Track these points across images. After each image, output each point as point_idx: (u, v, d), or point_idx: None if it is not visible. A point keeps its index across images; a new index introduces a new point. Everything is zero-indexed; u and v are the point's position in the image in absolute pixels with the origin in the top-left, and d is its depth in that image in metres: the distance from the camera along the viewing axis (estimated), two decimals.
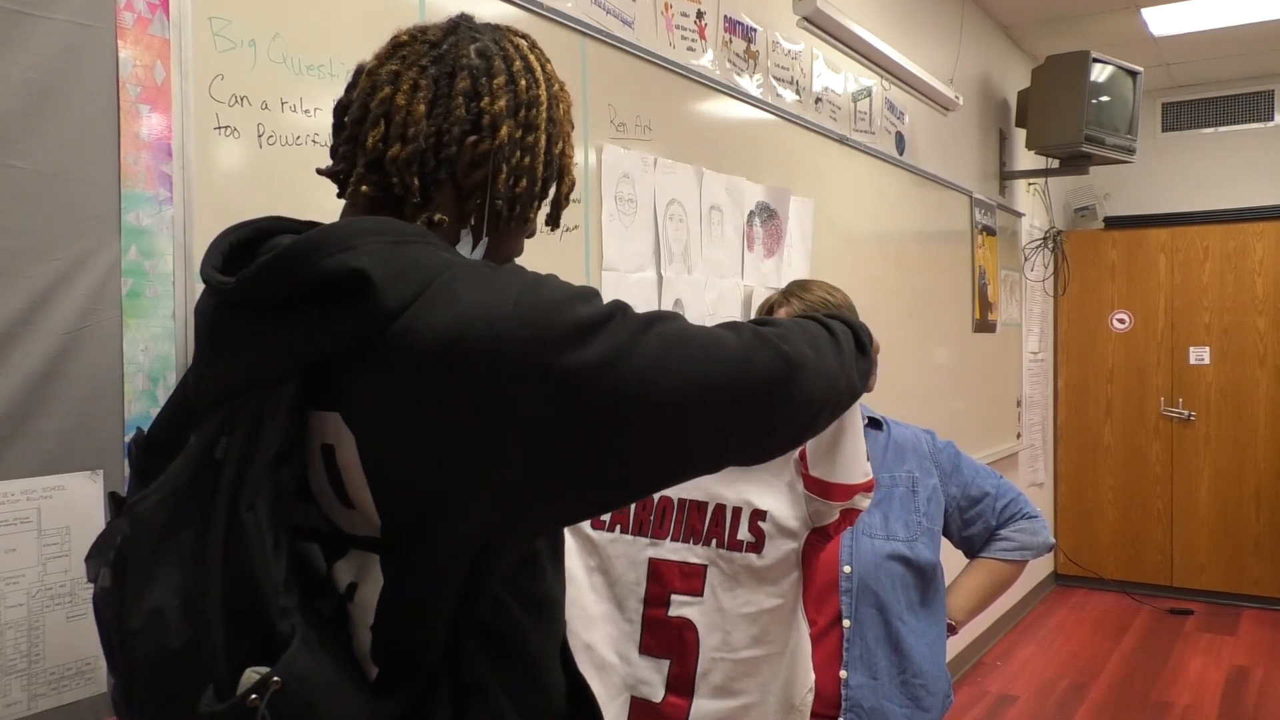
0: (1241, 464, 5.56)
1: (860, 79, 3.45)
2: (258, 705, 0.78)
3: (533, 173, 1.00)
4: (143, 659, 0.86)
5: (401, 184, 0.96)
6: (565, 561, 1.29)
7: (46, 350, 1.18)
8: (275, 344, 0.87)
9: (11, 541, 1.16)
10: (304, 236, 0.87)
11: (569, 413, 0.84)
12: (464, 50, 0.99)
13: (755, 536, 1.36)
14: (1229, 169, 5.89)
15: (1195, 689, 4.32)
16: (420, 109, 0.96)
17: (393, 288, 0.83)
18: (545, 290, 0.86)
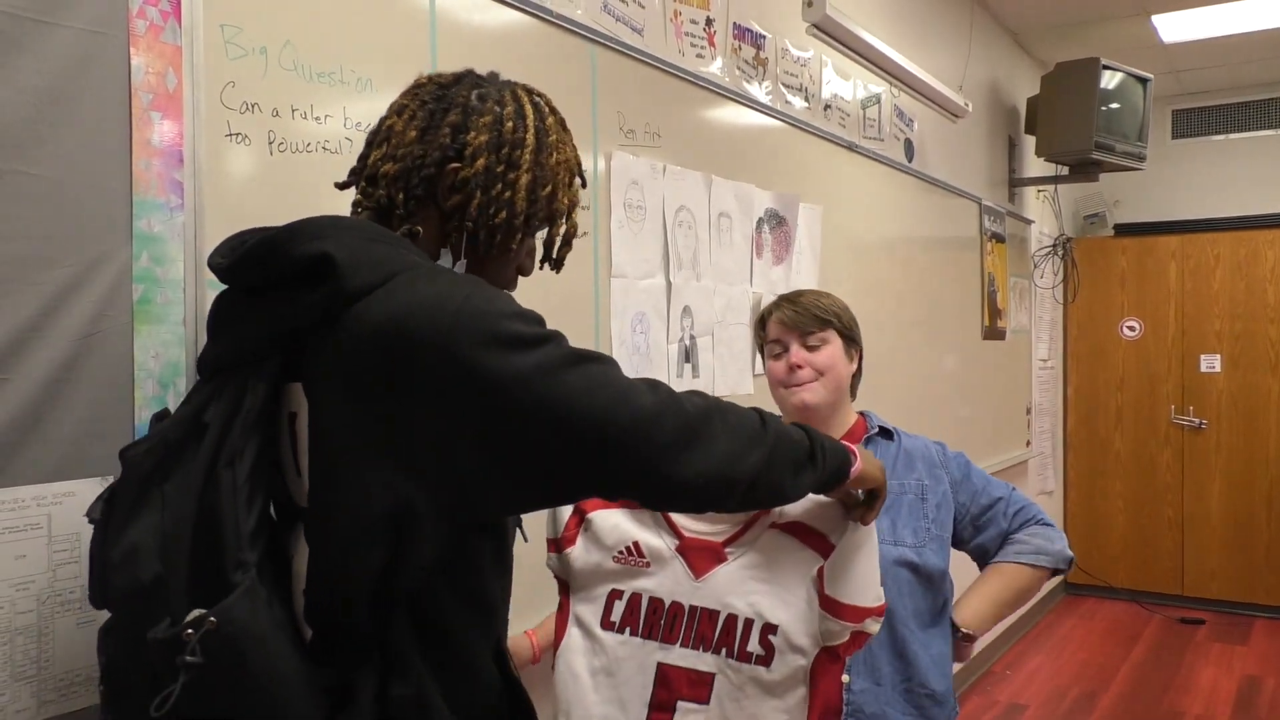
0: (1253, 472, 5.53)
1: (869, 86, 3.44)
2: (191, 639, 0.87)
3: (511, 206, 1.10)
4: (117, 589, 0.97)
5: (388, 196, 1.09)
6: (567, 657, 1.37)
7: (58, 356, 1.18)
8: (257, 322, 1.01)
9: (22, 548, 1.16)
10: (285, 226, 1.01)
11: (486, 412, 0.93)
12: (466, 93, 1.12)
13: (765, 650, 1.33)
14: (1240, 176, 5.87)
15: (1206, 699, 4.29)
16: (411, 134, 1.09)
17: (356, 273, 0.96)
18: (495, 300, 0.96)
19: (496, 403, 0.93)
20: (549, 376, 0.94)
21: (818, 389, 1.68)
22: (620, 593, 1.39)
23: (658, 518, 1.40)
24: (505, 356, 0.93)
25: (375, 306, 0.94)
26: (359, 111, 1.58)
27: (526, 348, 0.94)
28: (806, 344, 1.69)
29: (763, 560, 1.36)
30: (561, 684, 1.40)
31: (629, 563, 1.39)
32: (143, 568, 0.94)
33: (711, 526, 1.39)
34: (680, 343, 2.37)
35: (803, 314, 1.70)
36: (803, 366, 1.68)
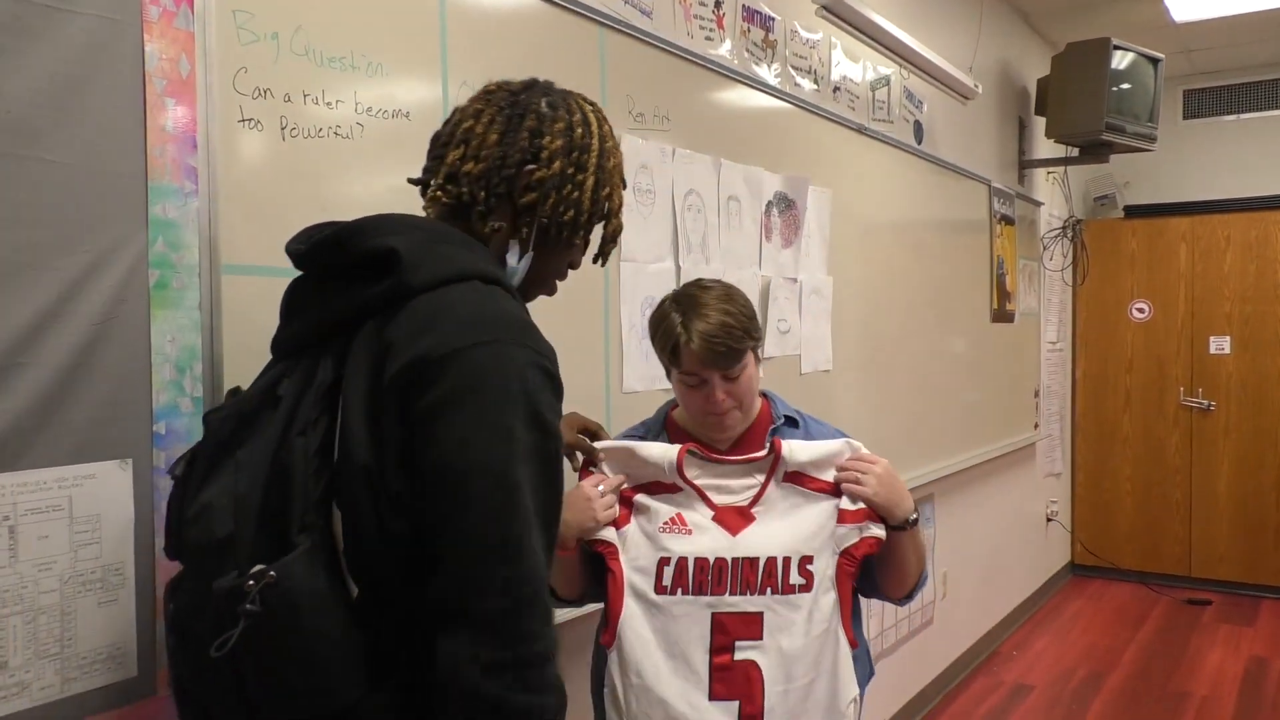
0: (1262, 454, 5.52)
1: (879, 68, 3.43)
2: (252, 590, 0.96)
3: (579, 205, 1.21)
4: (191, 543, 1.05)
5: (470, 194, 1.17)
6: (631, 624, 1.54)
7: (76, 341, 1.20)
8: (328, 305, 1.11)
9: (44, 529, 1.18)
10: (358, 221, 1.13)
11: (442, 458, 1.00)
12: (537, 100, 1.22)
13: (805, 578, 1.56)
14: (1251, 157, 5.84)
15: (1213, 680, 4.31)
16: (492, 137, 1.18)
17: (419, 269, 1.06)
18: (542, 370, 1.06)
19: (465, 459, 1.01)
20: (520, 465, 1.02)
21: (739, 416, 1.66)
22: (668, 559, 1.57)
23: (691, 495, 1.60)
24: (526, 432, 1.02)
25: (428, 308, 1.05)
26: (370, 96, 1.59)
27: (540, 432, 1.04)
28: (728, 375, 1.60)
29: (785, 509, 1.60)
30: (629, 647, 1.55)
31: (674, 530, 1.58)
32: (216, 525, 1.03)
33: (734, 495, 1.61)
34: None
35: (721, 346, 1.56)
36: (725, 399, 1.61)
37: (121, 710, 1.26)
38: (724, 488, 1.61)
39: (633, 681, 1.54)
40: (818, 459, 1.62)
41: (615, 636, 1.55)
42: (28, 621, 1.17)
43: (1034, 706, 4.05)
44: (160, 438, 1.29)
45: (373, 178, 1.59)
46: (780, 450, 1.60)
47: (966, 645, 4.42)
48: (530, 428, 1.03)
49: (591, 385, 2.10)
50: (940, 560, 4.05)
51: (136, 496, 1.27)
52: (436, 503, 1.01)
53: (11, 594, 1.15)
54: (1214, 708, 4.00)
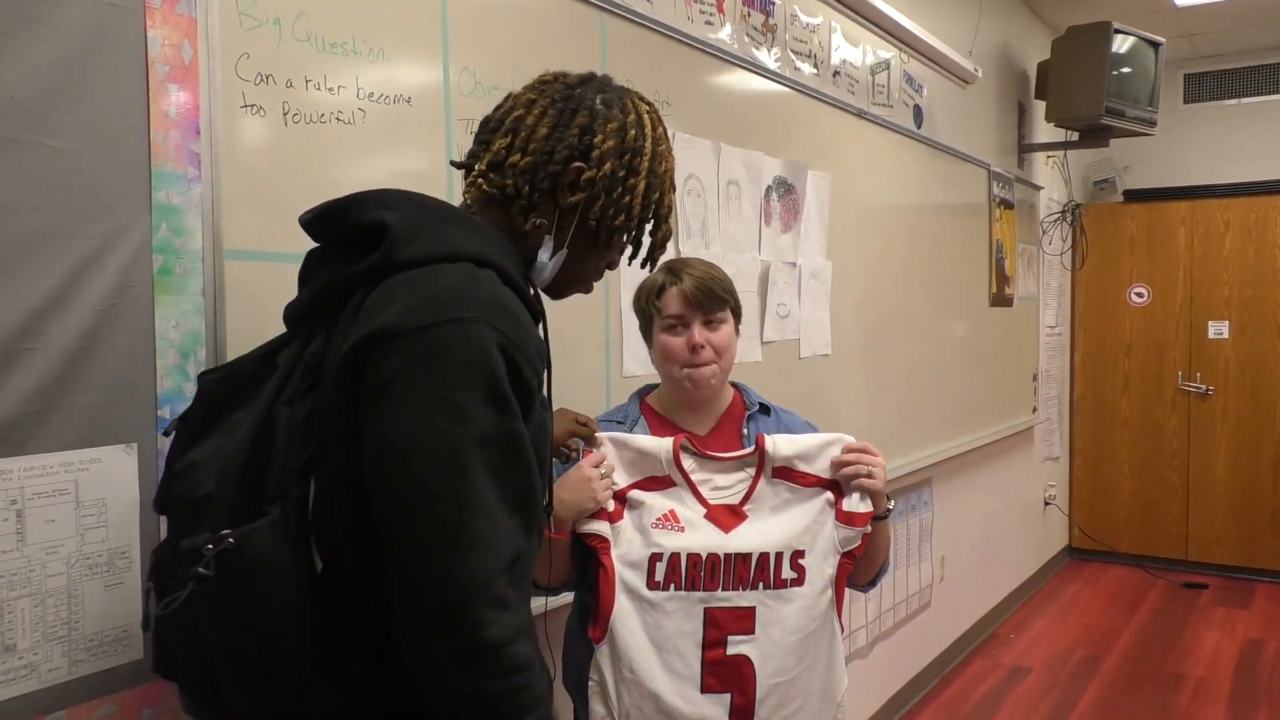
0: (1259, 438, 5.54)
1: (878, 52, 3.43)
2: (208, 554, 0.96)
3: (629, 209, 1.19)
4: (175, 499, 1.08)
5: (514, 187, 1.15)
6: (623, 619, 1.53)
7: (80, 326, 1.21)
8: (327, 276, 1.10)
9: (50, 513, 1.19)
10: (363, 192, 1.12)
11: (396, 439, 0.98)
12: (592, 97, 1.19)
13: (797, 572, 1.58)
14: (1251, 141, 5.83)
15: (1209, 662, 4.34)
16: (542, 130, 1.16)
17: (407, 244, 1.04)
18: (520, 341, 1.03)
19: (420, 438, 0.97)
20: (476, 446, 0.98)
21: (717, 370, 1.68)
22: (660, 554, 1.56)
23: (685, 491, 1.61)
24: (477, 411, 0.98)
25: (404, 283, 1.02)
26: (371, 82, 1.59)
27: (503, 411, 1.00)
28: (708, 323, 1.67)
29: (777, 505, 1.61)
30: (621, 642, 1.55)
31: (666, 526, 1.58)
32: (199, 483, 1.04)
33: (725, 492, 1.62)
34: None
35: (706, 291, 1.65)
36: (704, 347, 1.66)
37: (128, 692, 1.27)
38: (716, 484, 1.62)
39: (625, 675, 1.54)
40: (803, 452, 1.63)
41: (606, 632, 1.55)
42: (36, 604, 1.18)
43: (1031, 688, 4.08)
44: (165, 422, 1.30)
45: (374, 162, 1.59)
46: (764, 446, 1.62)
47: (964, 628, 4.44)
48: (491, 406, 0.99)
49: (592, 369, 2.11)
50: (938, 544, 4.07)
51: (142, 480, 1.28)
52: (383, 485, 0.98)
53: (19, 577, 1.16)
54: (1209, 690, 4.03)
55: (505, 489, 1.00)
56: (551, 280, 1.23)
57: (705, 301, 1.66)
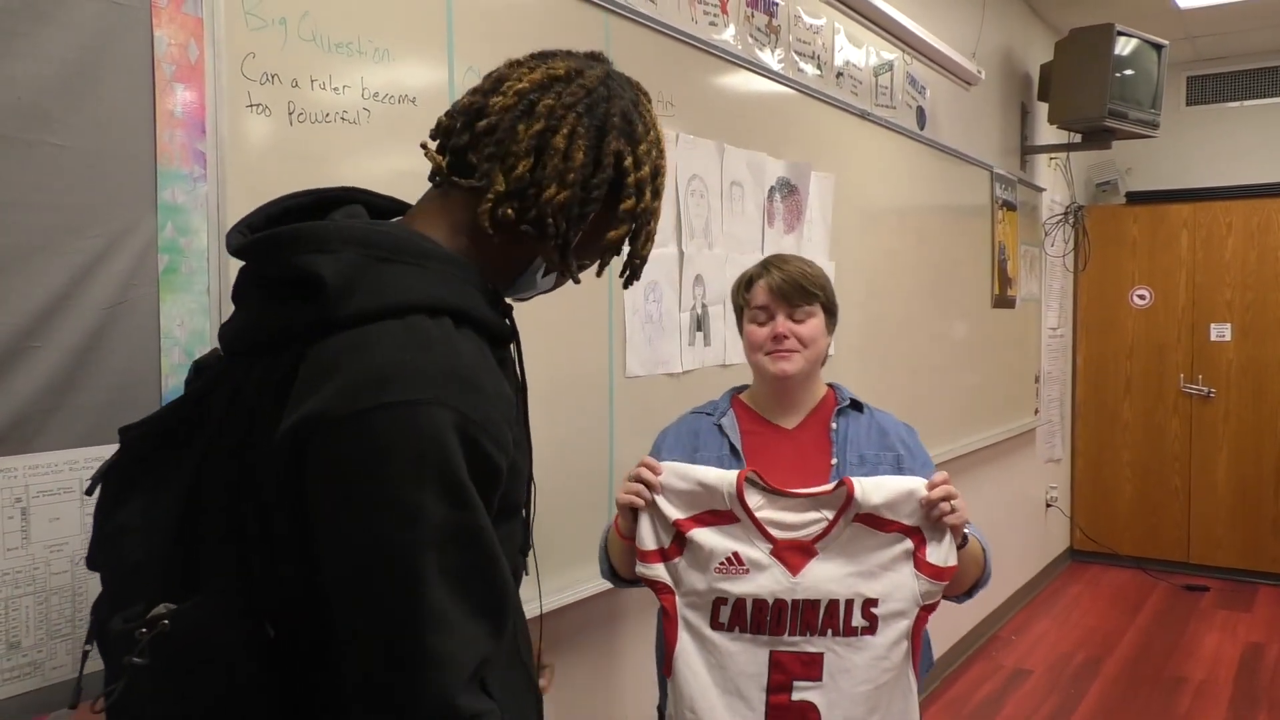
0: (1261, 441, 5.54)
1: (882, 53, 3.43)
2: (142, 639, 0.88)
3: (652, 232, 1.09)
4: (105, 565, 1.00)
5: (554, 225, 1.00)
6: (685, 659, 1.49)
7: (86, 325, 1.21)
8: (260, 316, 0.97)
9: (55, 510, 1.19)
10: (296, 228, 0.95)
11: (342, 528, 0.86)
12: (614, 109, 1.03)
13: (869, 621, 1.51)
14: (1254, 143, 5.83)
15: (1210, 665, 4.33)
16: (580, 157, 0.99)
17: (347, 299, 0.89)
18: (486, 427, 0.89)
19: (363, 529, 0.86)
20: (430, 550, 0.86)
21: (799, 360, 1.69)
22: (725, 599, 1.52)
23: (749, 528, 1.53)
24: (423, 501, 0.85)
25: (342, 349, 0.88)
26: (376, 81, 1.59)
27: (460, 507, 0.87)
28: (794, 315, 1.69)
29: (851, 548, 1.52)
30: (683, 682, 1.53)
31: (730, 571, 1.51)
32: (127, 550, 0.96)
33: (799, 531, 1.53)
34: (692, 311, 2.39)
35: (793, 284, 1.69)
36: (788, 336, 1.68)
37: None
38: (784, 522, 1.53)
39: (686, 716, 1.53)
40: (892, 500, 1.52)
41: (671, 669, 1.54)
42: (40, 602, 1.18)
43: (1032, 690, 4.08)
44: None
45: (379, 162, 1.60)
46: (853, 491, 1.52)
47: (965, 630, 4.44)
48: (445, 502, 0.86)
49: (595, 370, 2.11)
50: None
51: None
52: (336, 592, 0.88)
53: (24, 575, 1.17)
54: (1210, 692, 4.02)
55: (466, 593, 0.88)
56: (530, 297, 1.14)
57: (791, 293, 1.69)
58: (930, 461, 1.78)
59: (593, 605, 2.13)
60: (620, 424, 2.17)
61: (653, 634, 1.71)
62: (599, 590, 2.10)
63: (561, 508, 2.01)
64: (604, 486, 2.15)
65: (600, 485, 2.14)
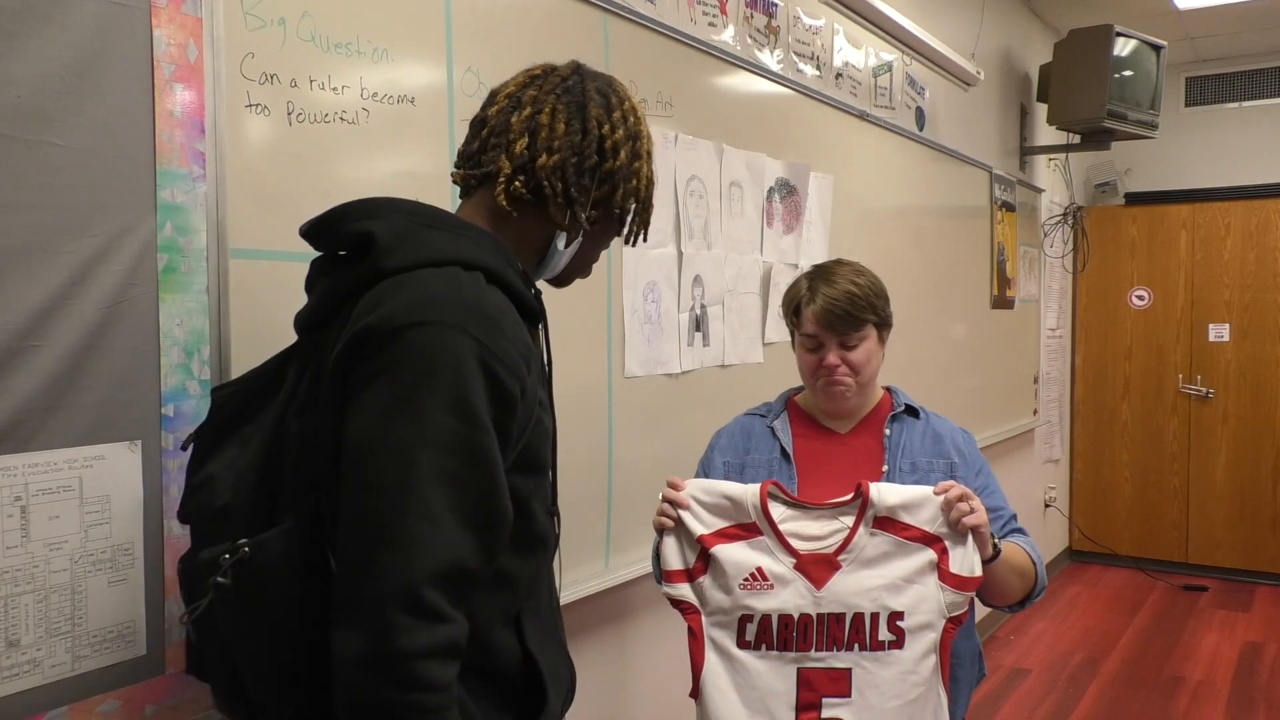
0: (1259, 441, 5.54)
1: (881, 54, 3.43)
2: (225, 563, 1.01)
3: (639, 193, 1.23)
4: (194, 512, 1.11)
5: (550, 187, 1.16)
6: (713, 679, 1.49)
7: (85, 324, 1.21)
8: (325, 285, 1.12)
9: (55, 509, 1.19)
10: (352, 202, 1.13)
11: (368, 432, 0.99)
12: (589, 87, 1.20)
13: (895, 635, 1.49)
14: (1253, 144, 5.83)
15: (1208, 664, 4.34)
16: (560, 127, 1.17)
17: (393, 253, 1.06)
18: (497, 351, 1.02)
19: (384, 436, 0.98)
20: (428, 449, 0.97)
21: (851, 385, 1.68)
22: (751, 615, 1.51)
23: (773, 543, 1.52)
24: (438, 411, 0.97)
25: (389, 288, 1.03)
26: (375, 82, 1.59)
27: (468, 423, 0.98)
28: (844, 342, 1.68)
29: (874, 559, 1.51)
30: (711, 703, 1.51)
31: (754, 587, 1.51)
32: (216, 495, 1.08)
33: (823, 542, 1.52)
34: (691, 312, 2.40)
35: (840, 312, 1.65)
36: (839, 366, 1.67)
37: (131, 688, 1.27)
38: (808, 533, 1.52)
39: None
40: (909, 502, 1.52)
41: (699, 690, 1.53)
42: (39, 600, 1.18)
43: (1030, 690, 4.08)
44: (169, 420, 1.30)
45: (378, 163, 1.60)
46: (868, 494, 1.52)
47: None
48: (454, 415, 0.97)
49: (594, 371, 2.12)
50: None
51: (145, 478, 1.28)
52: (343, 481, 1.00)
53: (23, 573, 1.17)
54: (1208, 692, 4.03)
55: (459, 500, 0.97)
56: (561, 271, 1.26)
57: (838, 324, 1.66)
58: (987, 468, 1.76)
59: (594, 604, 2.13)
60: (619, 424, 2.18)
61: (658, 633, 1.72)
62: (599, 589, 2.10)
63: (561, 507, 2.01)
64: (603, 487, 2.15)
65: (600, 486, 2.14)
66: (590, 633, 2.19)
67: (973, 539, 1.51)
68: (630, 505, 2.20)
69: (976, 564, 1.51)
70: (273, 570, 1.02)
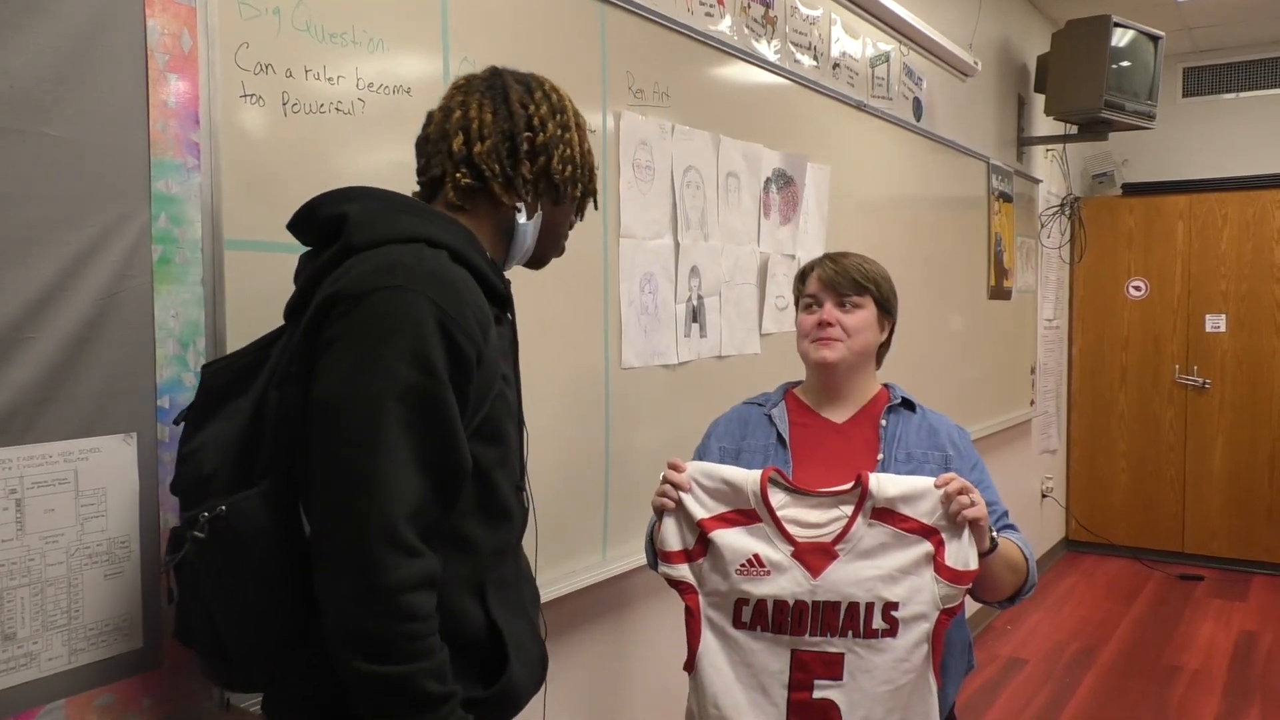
0: (1255, 431, 5.55)
1: (878, 44, 3.42)
2: (203, 521, 1.09)
3: (573, 160, 1.31)
4: (183, 478, 1.17)
5: (489, 169, 1.25)
6: (709, 656, 1.52)
7: (81, 316, 1.21)
8: (307, 271, 1.18)
9: (50, 502, 1.19)
10: (329, 191, 1.21)
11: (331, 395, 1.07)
12: (508, 81, 1.30)
13: (889, 624, 1.51)
14: (1250, 135, 5.83)
15: (1204, 653, 4.35)
16: (488, 116, 1.26)
17: (364, 231, 1.14)
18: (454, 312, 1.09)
19: (348, 393, 1.06)
20: (392, 400, 1.05)
21: (840, 347, 1.70)
22: (746, 600, 1.53)
23: (771, 530, 1.53)
24: (397, 369, 1.05)
25: (358, 260, 1.12)
26: (371, 72, 1.59)
27: (426, 375, 1.06)
28: (841, 304, 1.72)
29: (871, 550, 1.52)
30: (706, 679, 1.54)
31: (751, 573, 1.52)
32: (204, 464, 1.14)
33: (821, 530, 1.53)
34: (688, 303, 2.39)
35: (843, 275, 1.72)
36: (832, 324, 1.70)
37: (128, 681, 1.27)
38: (807, 521, 1.53)
39: (710, 713, 1.54)
40: (908, 493, 1.52)
41: (694, 666, 1.55)
42: (35, 593, 1.18)
43: (1027, 679, 4.09)
44: (164, 412, 1.30)
45: (374, 153, 1.59)
46: (868, 484, 1.52)
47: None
48: (414, 368, 1.06)
49: (591, 361, 2.11)
50: None
51: (141, 470, 1.28)
52: (313, 437, 1.07)
53: (19, 566, 1.17)
54: (1204, 681, 4.04)
55: (418, 445, 1.06)
56: (533, 249, 1.34)
57: (840, 283, 1.72)
58: (981, 464, 1.76)
59: (593, 594, 2.13)
60: (616, 415, 2.17)
61: (656, 624, 1.72)
62: (598, 579, 2.10)
63: (558, 499, 2.02)
64: (600, 478, 2.15)
65: (596, 476, 2.14)
66: (588, 624, 2.19)
67: (970, 532, 1.51)
68: (627, 497, 2.20)
69: (972, 558, 1.51)
70: (247, 529, 1.08)
